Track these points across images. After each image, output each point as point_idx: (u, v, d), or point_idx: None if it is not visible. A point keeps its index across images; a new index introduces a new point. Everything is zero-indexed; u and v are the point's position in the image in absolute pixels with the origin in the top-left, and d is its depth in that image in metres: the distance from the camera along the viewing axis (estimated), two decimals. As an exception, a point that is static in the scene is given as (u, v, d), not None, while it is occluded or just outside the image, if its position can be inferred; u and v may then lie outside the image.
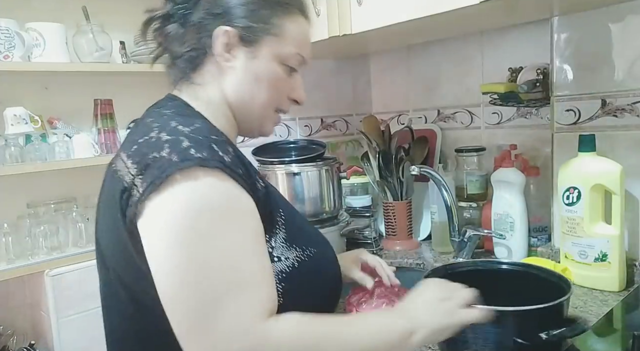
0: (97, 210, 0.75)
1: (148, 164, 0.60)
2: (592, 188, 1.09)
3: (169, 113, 0.71)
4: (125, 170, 0.63)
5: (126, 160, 0.64)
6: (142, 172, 0.61)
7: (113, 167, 0.67)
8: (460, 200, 1.46)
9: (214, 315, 0.56)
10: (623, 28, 1.13)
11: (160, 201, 0.59)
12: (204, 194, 0.59)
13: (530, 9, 1.21)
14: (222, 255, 0.59)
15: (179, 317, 0.58)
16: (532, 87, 1.31)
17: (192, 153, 0.60)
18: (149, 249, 0.60)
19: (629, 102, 1.14)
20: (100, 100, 1.50)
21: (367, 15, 1.23)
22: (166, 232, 0.58)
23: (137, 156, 0.63)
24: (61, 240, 1.38)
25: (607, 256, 1.09)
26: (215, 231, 0.59)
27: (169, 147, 0.61)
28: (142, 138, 0.65)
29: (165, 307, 0.59)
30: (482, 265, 0.99)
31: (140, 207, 0.60)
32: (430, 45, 1.66)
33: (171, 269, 0.58)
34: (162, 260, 0.59)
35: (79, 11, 1.46)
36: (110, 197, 0.66)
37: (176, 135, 0.63)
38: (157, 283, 0.60)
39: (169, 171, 0.58)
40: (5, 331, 1.40)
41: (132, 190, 0.61)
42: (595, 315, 0.99)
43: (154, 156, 0.61)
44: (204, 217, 0.59)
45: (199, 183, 0.59)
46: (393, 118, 1.85)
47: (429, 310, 0.71)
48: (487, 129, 1.54)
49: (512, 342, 0.75)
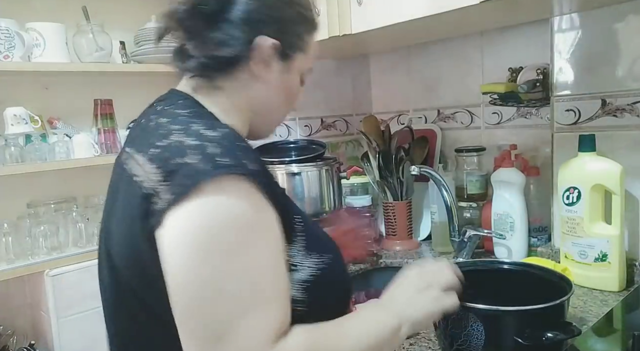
0: (106, 214, 0.70)
1: (173, 170, 0.57)
2: (592, 188, 1.10)
3: (186, 114, 0.67)
4: (144, 175, 0.59)
5: (145, 164, 0.60)
6: (166, 179, 0.57)
7: (128, 170, 0.63)
8: (460, 200, 1.46)
9: (226, 335, 0.54)
10: (623, 28, 1.13)
11: (185, 211, 0.55)
12: (230, 206, 0.56)
13: (530, 9, 1.21)
14: (243, 272, 0.56)
15: (189, 333, 0.56)
16: (532, 87, 1.31)
17: (220, 161, 0.56)
18: (168, 260, 0.57)
19: (629, 102, 1.14)
20: (100, 100, 1.51)
21: (367, 15, 1.23)
22: (189, 245, 0.55)
23: (158, 160, 0.59)
24: (61, 240, 1.38)
25: (607, 256, 1.09)
26: (239, 246, 0.56)
27: (195, 153, 0.57)
28: (163, 142, 0.60)
29: (177, 321, 0.57)
30: (482, 265, 0.99)
31: (162, 216, 0.56)
32: (430, 45, 1.66)
33: (189, 283, 0.55)
34: (180, 272, 0.56)
35: (79, 11, 1.46)
36: (126, 203, 0.62)
37: (201, 140, 0.59)
38: (172, 295, 0.57)
39: (196, 180, 0.55)
40: (5, 331, 1.40)
41: (154, 198, 0.57)
42: (595, 315, 0.99)
43: (178, 162, 0.57)
44: (229, 231, 0.56)
45: (226, 194, 0.56)
46: (393, 118, 1.85)
47: (411, 303, 0.71)
48: (487, 129, 1.54)
49: (513, 342, 0.75)
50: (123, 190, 0.64)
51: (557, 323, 0.77)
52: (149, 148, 0.61)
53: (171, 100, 0.71)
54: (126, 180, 0.63)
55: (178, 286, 0.56)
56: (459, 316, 0.79)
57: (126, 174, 0.63)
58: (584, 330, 0.90)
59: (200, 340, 0.55)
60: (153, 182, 0.57)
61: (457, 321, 0.79)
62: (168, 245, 0.56)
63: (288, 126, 1.74)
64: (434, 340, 0.93)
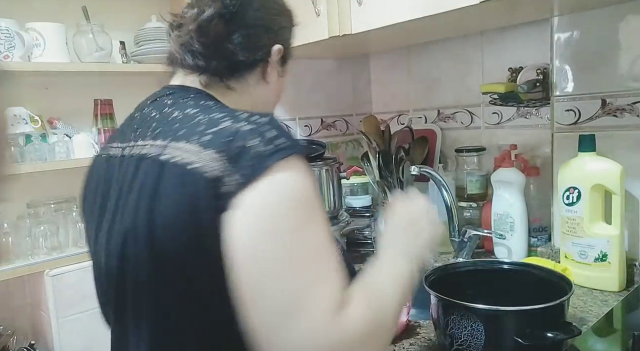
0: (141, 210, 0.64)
1: (237, 154, 0.58)
2: (592, 188, 1.10)
3: (213, 105, 0.69)
4: (203, 161, 0.59)
5: (200, 151, 0.60)
6: (231, 163, 0.58)
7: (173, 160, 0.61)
8: (460, 200, 1.46)
9: (298, 308, 0.56)
10: (623, 28, 1.13)
11: (255, 192, 0.57)
12: (296, 184, 0.59)
13: (530, 9, 1.21)
14: (310, 246, 0.59)
15: (259, 311, 0.57)
16: (532, 87, 1.31)
17: (279, 143, 0.59)
18: (239, 239, 0.57)
19: (629, 102, 1.14)
20: (100, 100, 1.51)
21: (367, 15, 1.23)
22: (261, 223, 0.57)
23: (215, 146, 0.59)
24: (61, 240, 1.38)
25: (607, 256, 1.09)
26: (305, 222, 0.59)
27: (254, 136, 0.59)
28: (212, 128, 0.61)
29: (246, 300, 0.58)
30: (482, 265, 0.99)
31: (232, 198, 0.57)
32: (430, 45, 1.66)
33: (261, 259, 0.57)
34: (252, 249, 0.57)
35: (79, 11, 1.46)
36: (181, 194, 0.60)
37: (255, 125, 0.61)
38: (242, 275, 0.58)
39: (262, 161, 0.57)
40: (5, 331, 1.40)
41: (220, 182, 0.57)
42: (595, 315, 0.99)
43: (241, 145, 0.59)
44: (297, 208, 0.59)
45: (291, 173, 0.59)
46: (393, 118, 1.85)
47: (416, 243, 0.76)
48: (487, 129, 1.54)
49: (513, 342, 0.75)
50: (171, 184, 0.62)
51: (557, 323, 0.77)
52: (196, 136, 0.62)
53: (185, 94, 0.73)
54: (175, 173, 0.61)
55: (250, 264, 0.57)
56: (459, 316, 0.79)
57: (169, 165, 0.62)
58: (584, 330, 0.90)
59: (273, 316, 0.56)
60: (217, 166, 0.58)
61: (457, 321, 0.79)
62: (239, 224, 0.57)
63: (288, 126, 1.74)
64: (433, 340, 0.93)
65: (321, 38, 1.33)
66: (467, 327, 0.78)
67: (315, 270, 0.58)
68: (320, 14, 1.31)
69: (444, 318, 0.82)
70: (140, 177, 0.65)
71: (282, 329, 0.56)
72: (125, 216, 0.65)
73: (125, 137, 0.73)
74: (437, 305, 0.84)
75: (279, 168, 0.58)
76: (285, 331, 0.55)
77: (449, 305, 0.81)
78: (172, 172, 0.61)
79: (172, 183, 0.61)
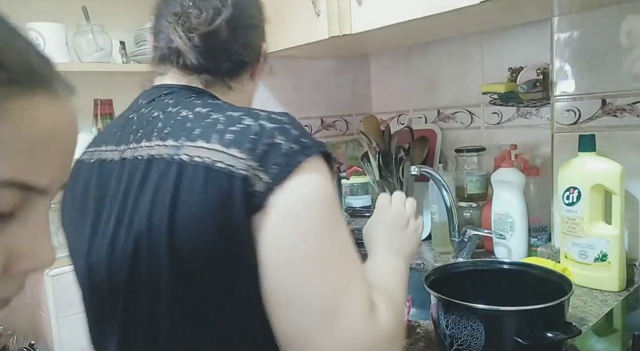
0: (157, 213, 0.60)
1: (265, 152, 0.57)
2: (592, 188, 1.10)
3: (223, 103, 0.68)
4: (230, 160, 0.57)
5: (224, 150, 0.57)
6: (260, 162, 0.56)
7: (194, 160, 0.58)
8: (460, 200, 1.46)
9: (339, 309, 0.55)
10: (623, 28, 1.13)
11: (288, 191, 0.56)
12: (324, 184, 0.59)
13: (530, 9, 1.21)
14: (342, 245, 0.59)
15: (297, 313, 0.55)
16: (532, 87, 1.31)
17: (304, 142, 0.59)
18: (274, 239, 0.56)
19: (629, 102, 1.14)
20: (100, 100, 1.51)
21: (367, 15, 1.23)
22: (296, 222, 0.56)
23: (240, 145, 0.57)
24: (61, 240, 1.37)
25: (607, 256, 1.09)
26: (335, 221, 0.59)
27: (280, 135, 0.58)
28: (234, 127, 0.59)
29: (281, 307, 0.56)
30: (482, 265, 0.99)
31: (264, 198, 0.56)
32: (430, 45, 1.66)
33: (299, 259, 0.56)
34: (290, 250, 0.56)
35: (79, 11, 1.46)
36: (207, 195, 0.57)
37: (278, 123, 0.60)
38: (275, 279, 0.56)
39: (293, 160, 0.57)
40: (5, 331, 1.40)
41: (249, 181, 0.56)
42: (595, 315, 0.99)
43: (268, 143, 0.57)
44: (327, 207, 0.58)
45: (318, 173, 0.58)
46: (393, 118, 1.85)
47: (404, 242, 0.80)
48: (487, 129, 1.54)
49: (513, 342, 0.75)
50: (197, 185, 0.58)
51: (557, 323, 0.77)
52: (215, 135, 0.59)
53: (186, 93, 0.71)
54: (190, 171, 0.58)
55: (286, 266, 0.56)
56: (459, 316, 0.79)
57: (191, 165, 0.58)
58: (584, 330, 0.90)
59: (314, 316, 0.55)
60: (244, 166, 0.56)
61: (457, 321, 0.79)
62: (273, 226, 0.56)
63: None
64: (433, 340, 0.93)
65: (321, 38, 1.33)
66: (467, 327, 0.78)
67: (347, 271, 0.58)
68: (320, 14, 1.31)
69: (444, 318, 0.82)
70: (153, 179, 0.61)
71: (320, 333, 0.54)
72: (136, 220, 0.61)
73: (122, 140, 0.70)
74: (437, 305, 0.84)
75: (306, 168, 0.57)
76: (324, 335, 0.54)
77: (449, 305, 0.81)
78: (195, 173, 0.58)
79: (195, 184, 0.58)
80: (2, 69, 0.31)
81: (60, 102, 0.36)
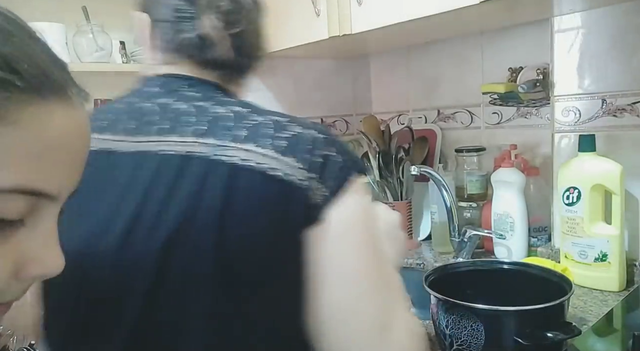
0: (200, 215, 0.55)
1: (322, 165, 0.56)
2: (592, 188, 1.09)
3: (255, 103, 0.66)
4: (287, 169, 0.55)
5: (278, 157, 0.55)
6: (318, 174, 0.56)
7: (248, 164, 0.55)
8: (460, 200, 1.46)
9: (390, 324, 0.56)
10: (623, 28, 1.13)
11: (343, 206, 0.56)
12: (366, 199, 0.59)
13: (530, 9, 1.21)
14: (387, 262, 0.60)
15: (350, 332, 0.55)
16: (532, 87, 1.31)
17: (354, 156, 0.61)
18: (332, 253, 0.56)
19: (629, 102, 1.14)
20: (100, 100, 1.50)
21: (367, 15, 1.23)
22: (355, 237, 0.56)
23: (296, 153, 0.56)
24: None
25: (607, 256, 1.09)
26: (378, 236, 0.60)
27: (330, 146, 0.59)
28: (283, 134, 0.57)
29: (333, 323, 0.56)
30: (482, 265, 0.99)
31: (322, 211, 0.55)
32: (430, 45, 1.66)
33: (358, 274, 0.56)
34: (348, 265, 0.56)
35: (79, 11, 1.46)
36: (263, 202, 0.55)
37: (325, 134, 0.60)
38: (331, 294, 0.55)
39: (347, 175, 0.57)
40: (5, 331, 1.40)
41: (308, 193, 0.55)
42: (595, 315, 0.99)
43: (323, 155, 0.57)
44: (372, 222, 0.59)
45: (364, 188, 0.59)
46: (393, 118, 1.85)
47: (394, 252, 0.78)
48: (487, 129, 1.54)
49: (513, 342, 0.75)
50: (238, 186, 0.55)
51: (557, 323, 0.77)
52: (267, 139, 0.57)
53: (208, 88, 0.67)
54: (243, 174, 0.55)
55: (344, 282, 0.56)
56: (459, 316, 0.79)
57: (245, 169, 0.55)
58: (584, 330, 0.90)
59: (366, 332, 0.55)
60: (302, 176, 0.55)
61: (457, 321, 0.79)
62: (332, 239, 0.56)
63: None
64: (433, 340, 0.93)
65: (321, 38, 1.33)
66: (467, 327, 0.78)
67: (394, 285, 0.59)
68: (320, 14, 1.31)
69: (444, 318, 0.81)
70: (193, 178, 0.56)
71: (372, 347, 0.55)
72: (169, 219, 0.55)
73: (138, 130, 0.63)
74: (437, 305, 0.84)
75: (356, 183, 0.58)
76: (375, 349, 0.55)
77: (449, 305, 0.81)
78: (251, 177, 0.55)
79: (252, 189, 0.55)
80: (17, 77, 0.31)
81: (74, 108, 0.36)
